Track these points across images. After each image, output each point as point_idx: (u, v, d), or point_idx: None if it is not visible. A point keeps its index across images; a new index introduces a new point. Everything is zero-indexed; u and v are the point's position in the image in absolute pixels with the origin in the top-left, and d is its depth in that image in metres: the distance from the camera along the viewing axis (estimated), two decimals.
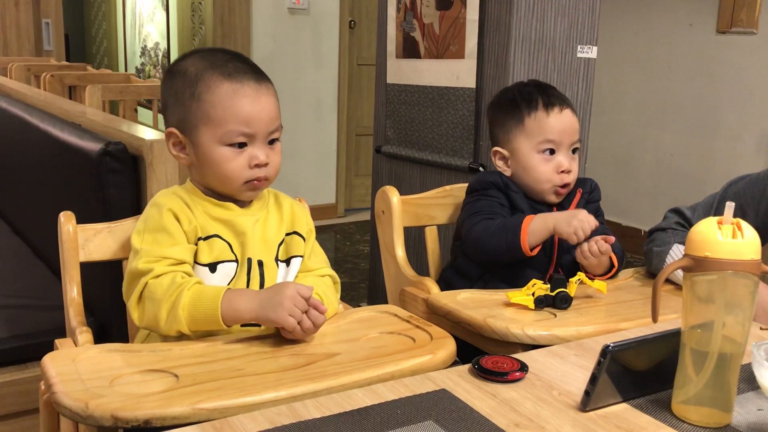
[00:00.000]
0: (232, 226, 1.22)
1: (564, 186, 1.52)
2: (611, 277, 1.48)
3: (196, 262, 1.19)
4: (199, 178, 1.24)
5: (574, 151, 1.54)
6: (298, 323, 1.09)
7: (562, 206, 1.55)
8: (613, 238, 1.42)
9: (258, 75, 1.22)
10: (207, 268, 1.19)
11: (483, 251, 1.49)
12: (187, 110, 1.19)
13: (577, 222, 1.39)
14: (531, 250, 1.43)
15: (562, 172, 1.51)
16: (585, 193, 1.59)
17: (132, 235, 1.19)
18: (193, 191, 1.24)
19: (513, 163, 1.55)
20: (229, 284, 1.20)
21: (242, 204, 1.25)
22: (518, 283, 1.44)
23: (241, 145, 1.19)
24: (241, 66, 1.21)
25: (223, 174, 1.19)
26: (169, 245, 1.15)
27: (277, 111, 1.23)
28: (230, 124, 1.17)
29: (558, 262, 1.51)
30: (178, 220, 1.18)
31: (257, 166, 1.20)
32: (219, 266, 1.20)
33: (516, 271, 1.49)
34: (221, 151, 1.18)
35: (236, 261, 1.21)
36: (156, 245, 1.15)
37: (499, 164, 1.57)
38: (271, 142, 1.22)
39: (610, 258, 1.46)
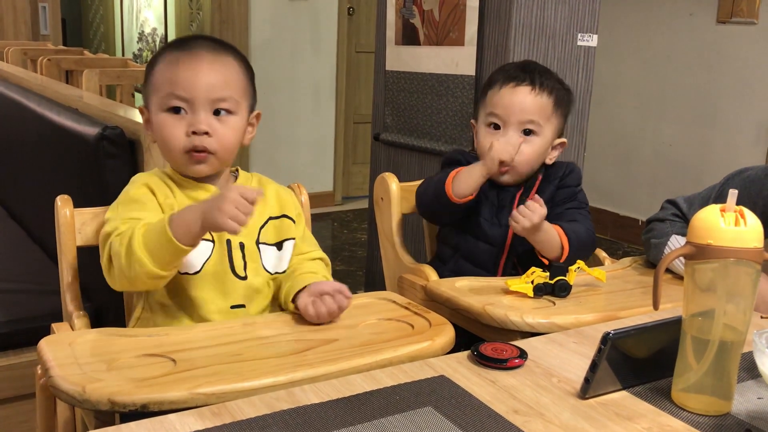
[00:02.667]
0: None
1: (501, 163, 1.48)
2: (565, 261, 1.41)
3: None
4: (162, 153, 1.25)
5: (528, 132, 1.50)
6: (318, 310, 1.11)
7: (526, 188, 1.54)
8: (540, 201, 1.38)
9: (217, 47, 1.21)
10: None
11: (421, 203, 1.55)
12: (145, 85, 1.22)
13: (493, 150, 1.41)
14: (460, 197, 1.44)
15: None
16: (554, 178, 1.55)
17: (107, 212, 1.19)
18: (172, 174, 1.24)
19: (475, 139, 1.58)
20: (204, 263, 1.19)
21: (221, 187, 1.24)
22: (480, 259, 1.50)
23: (177, 110, 1.18)
24: (202, 42, 1.21)
25: (163, 140, 1.19)
26: (138, 210, 1.15)
27: (228, 81, 1.19)
28: (166, 87, 1.17)
29: (514, 235, 1.47)
30: (153, 193, 1.18)
31: (194, 133, 1.17)
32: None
33: (473, 246, 1.51)
34: (161, 117, 1.19)
35: (212, 241, 1.20)
36: (126, 212, 1.15)
37: (474, 138, 1.60)
38: (219, 113, 1.19)
39: (561, 243, 1.42)
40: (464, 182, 1.44)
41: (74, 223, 1.28)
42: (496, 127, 1.51)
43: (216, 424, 0.80)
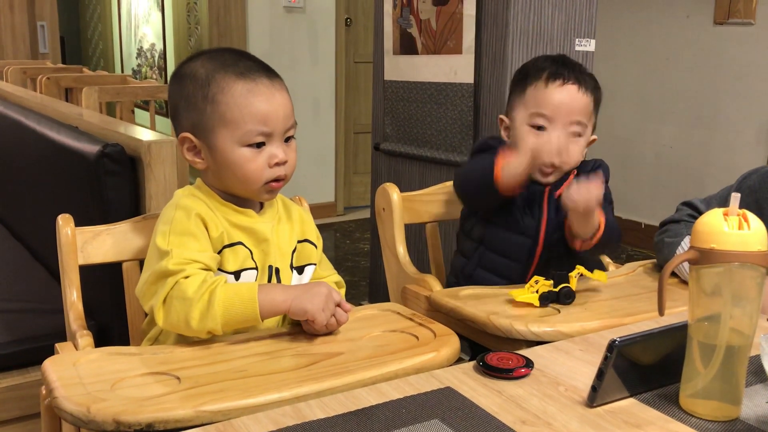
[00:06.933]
0: (253, 233, 1.20)
1: (550, 165, 1.45)
2: (600, 241, 1.40)
3: (221, 269, 1.17)
4: (216, 181, 1.21)
5: (573, 134, 1.45)
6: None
7: (555, 186, 1.49)
8: (602, 179, 1.33)
9: (269, 72, 1.19)
10: (232, 276, 1.17)
11: (465, 189, 1.49)
12: (201, 114, 1.16)
13: (544, 152, 1.38)
14: (508, 189, 1.37)
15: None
16: (583, 173, 1.48)
17: (156, 237, 1.15)
18: (210, 195, 1.20)
19: (510, 134, 1.51)
20: None
21: (257, 210, 1.24)
22: (513, 251, 1.45)
23: (260, 145, 1.16)
24: (252, 64, 1.19)
25: (244, 175, 1.17)
26: (196, 250, 1.12)
27: (291, 108, 1.20)
28: (248, 124, 1.14)
29: (548, 226, 1.46)
30: (206, 226, 1.15)
31: (277, 164, 1.17)
32: (242, 274, 1.18)
33: (506, 239, 1.47)
34: (240, 153, 1.16)
35: (256, 269, 1.20)
36: (184, 248, 1.12)
37: (503, 133, 1.54)
38: (287, 139, 1.20)
39: (599, 223, 1.39)
40: (512, 176, 1.37)
41: (76, 242, 1.28)
42: (541, 127, 1.45)
43: None
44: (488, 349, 1.09)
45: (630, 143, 4.42)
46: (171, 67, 5.48)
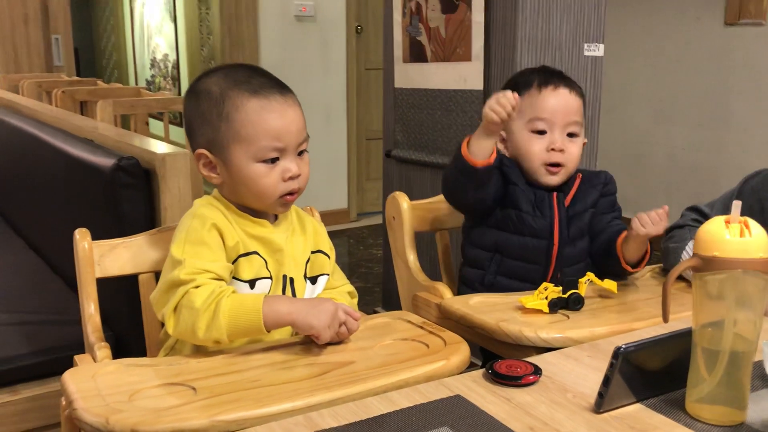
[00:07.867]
0: (268, 243, 1.23)
1: (554, 165, 1.49)
2: (634, 270, 1.46)
3: (237, 278, 1.19)
4: (231, 195, 1.24)
5: (571, 135, 1.51)
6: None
7: (561, 190, 1.53)
8: (667, 212, 1.39)
9: (281, 88, 1.22)
10: (247, 285, 1.20)
11: (445, 183, 1.52)
12: (215, 130, 1.19)
13: (492, 100, 1.39)
14: (478, 159, 1.41)
15: (552, 150, 1.49)
16: (596, 184, 1.55)
17: (172, 245, 1.18)
18: (227, 206, 1.23)
19: (510, 144, 1.55)
20: None
21: (272, 221, 1.27)
22: (529, 255, 1.48)
23: (274, 160, 1.19)
24: (265, 81, 1.22)
25: (258, 190, 1.20)
26: (209, 260, 1.15)
27: (303, 122, 1.23)
28: (262, 140, 1.18)
29: (560, 225, 1.49)
30: (222, 236, 1.18)
31: (291, 178, 1.20)
32: (257, 283, 1.21)
33: (520, 243, 1.49)
34: (255, 168, 1.19)
35: (270, 278, 1.22)
36: (197, 258, 1.15)
37: (500, 146, 1.56)
38: (300, 153, 1.23)
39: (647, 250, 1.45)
40: (477, 136, 1.42)
41: (93, 255, 1.31)
42: (542, 132, 1.50)
43: None
44: (498, 356, 1.10)
45: (642, 145, 4.42)
46: (184, 77, 5.53)
